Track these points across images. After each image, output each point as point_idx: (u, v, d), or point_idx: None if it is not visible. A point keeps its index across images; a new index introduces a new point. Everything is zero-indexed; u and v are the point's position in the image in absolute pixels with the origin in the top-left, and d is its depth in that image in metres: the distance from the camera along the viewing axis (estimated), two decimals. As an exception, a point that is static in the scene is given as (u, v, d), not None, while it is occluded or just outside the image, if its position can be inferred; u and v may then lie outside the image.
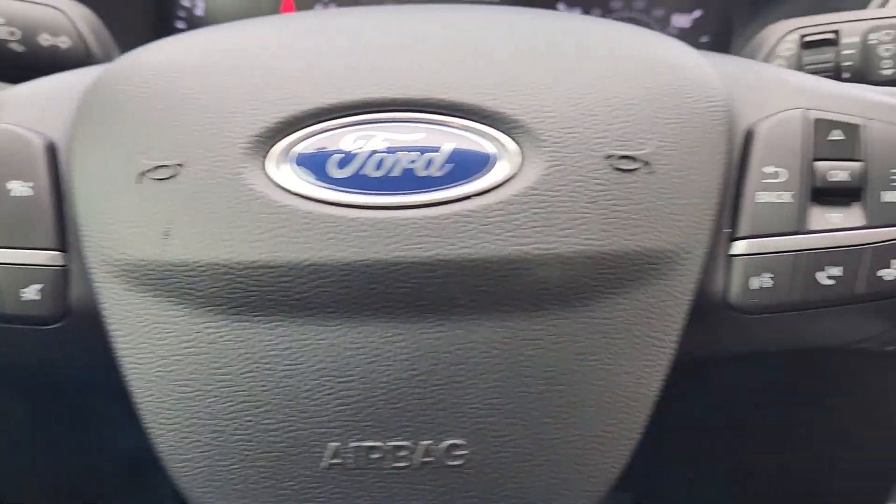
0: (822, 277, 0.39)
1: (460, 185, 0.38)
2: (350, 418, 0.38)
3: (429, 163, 0.38)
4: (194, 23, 0.86)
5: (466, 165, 0.38)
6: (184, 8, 0.86)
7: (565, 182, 0.38)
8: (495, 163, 0.38)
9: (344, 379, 0.38)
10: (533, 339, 0.38)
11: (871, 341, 0.42)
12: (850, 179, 0.39)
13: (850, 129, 0.40)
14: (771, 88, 0.42)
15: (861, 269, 0.39)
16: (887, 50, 0.54)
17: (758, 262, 0.40)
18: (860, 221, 0.39)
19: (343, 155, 0.38)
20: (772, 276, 0.39)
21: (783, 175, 0.40)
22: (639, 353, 0.39)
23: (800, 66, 0.56)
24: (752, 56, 0.58)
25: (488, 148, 0.38)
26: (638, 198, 0.38)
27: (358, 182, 0.38)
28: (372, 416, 0.38)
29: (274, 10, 0.86)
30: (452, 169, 0.38)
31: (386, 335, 0.38)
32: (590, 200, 0.38)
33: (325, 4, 0.85)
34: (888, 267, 0.39)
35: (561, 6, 0.84)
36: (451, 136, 0.38)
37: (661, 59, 0.41)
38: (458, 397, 0.38)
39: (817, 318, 0.40)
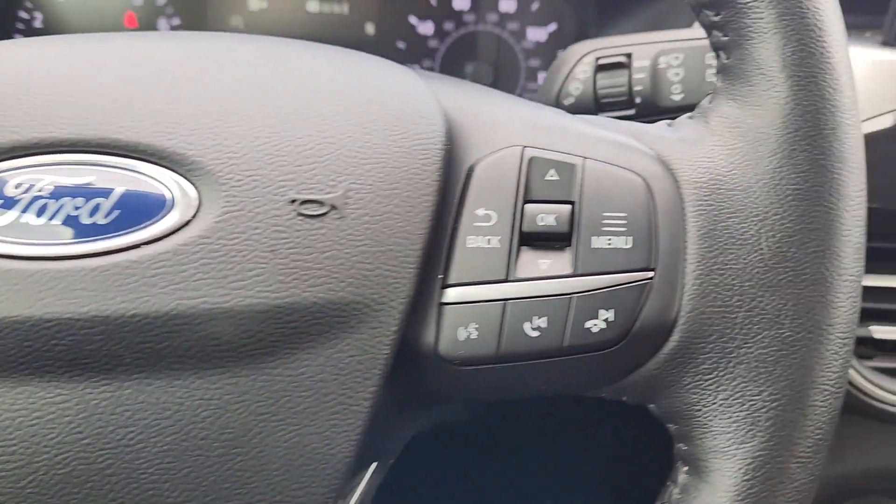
0: (529, 328, 0.36)
1: (128, 233, 0.35)
2: (12, 486, 0.35)
3: (95, 209, 0.35)
4: (33, 35, 0.82)
5: (137, 211, 0.35)
6: (22, 20, 0.83)
7: (242, 229, 0.35)
8: (170, 208, 0.35)
9: (4, 443, 0.35)
10: (208, 399, 0.35)
11: (599, 391, 0.40)
12: (556, 224, 0.37)
13: (566, 169, 0.38)
14: (499, 123, 0.40)
15: (568, 319, 0.36)
16: (676, 74, 0.52)
17: (465, 311, 0.37)
18: (568, 269, 0.37)
19: (3, 200, 0.35)
20: (477, 326, 0.37)
21: (494, 218, 0.37)
22: (328, 411, 0.36)
23: (594, 91, 0.54)
24: (553, 78, 0.56)
25: (164, 192, 0.36)
26: (323, 245, 0.35)
27: (17, 230, 0.35)
28: (36, 484, 0.35)
29: (118, 23, 0.83)
30: (120, 215, 0.35)
31: (47, 396, 0.35)
32: (268, 249, 0.35)
33: (169, 17, 0.82)
34: (595, 318, 0.36)
35: (412, 19, 0.82)
36: (125, 179, 0.36)
37: (376, 93, 0.39)
38: (129, 462, 0.35)
39: (531, 369, 0.37)
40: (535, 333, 0.36)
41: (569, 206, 0.37)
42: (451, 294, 0.37)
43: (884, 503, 0.69)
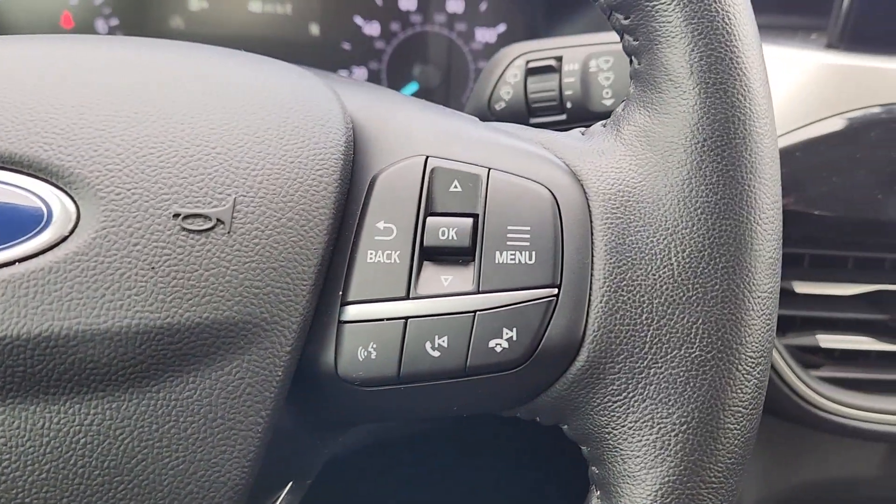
0: (430, 348, 0.35)
1: (0, 250, 0.33)
2: None
3: (-36, 224, 0.33)
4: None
5: (11, 226, 0.33)
6: (-44, 21, 0.80)
7: (121, 245, 0.33)
8: (47, 224, 0.33)
9: None
10: (87, 425, 0.33)
11: (510, 412, 0.38)
12: (457, 238, 0.35)
13: (469, 180, 0.36)
14: (405, 131, 0.38)
15: (471, 338, 0.34)
16: (606, 78, 0.50)
17: (365, 330, 0.35)
18: (471, 285, 0.35)
19: None
20: (376, 346, 0.35)
21: (394, 231, 0.36)
22: (217, 437, 0.34)
23: (525, 95, 0.52)
24: (484, 82, 0.54)
25: (40, 206, 0.33)
26: (208, 262, 0.33)
27: None
28: None
29: (54, 23, 0.80)
30: (-9, 231, 0.33)
31: None
32: (148, 266, 0.33)
33: (107, 18, 0.79)
34: (499, 337, 0.34)
35: (358, 20, 0.80)
36: (-2, 192, 0.34)
37: (273, 101, 0.37)
38: (5, 492, 0.33)
39: (436, 390, 0.36)
40: (437, 353, 0.35)
41: (471, 220, 0.35)
42: (351, 312, 0.35)
43: (834, 514, 0.68)
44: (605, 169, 0.36)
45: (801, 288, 0.61)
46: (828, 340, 0.61)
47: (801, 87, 0.57)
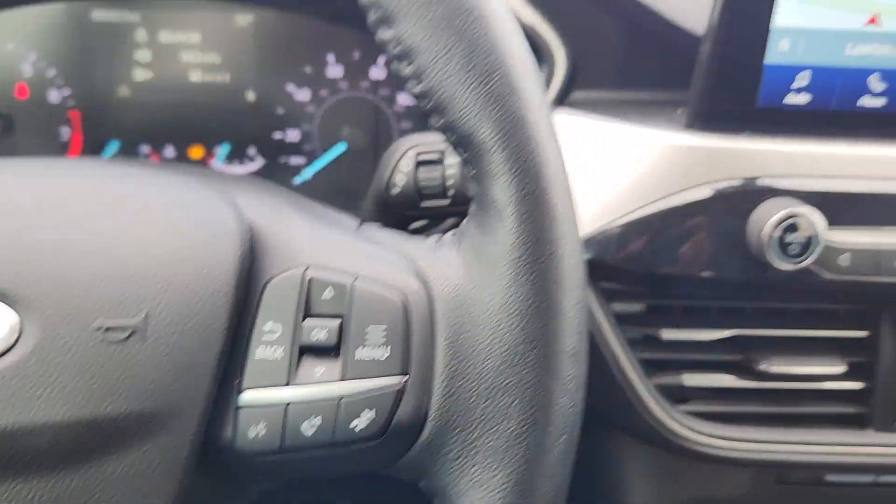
0: (307, 426, 0.43)
1: (-44, 359, 0.41)
2: None
3: (-73, 339, 0.41)
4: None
5: (-36, 340, 0.41)
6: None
7: (56, 353, 0.41)
8: (-6, 335, 0.42)
9: None
10: (30, 499, 0.41)
11: (380, 471, 0.47)
12: (327, 337, 0.44)
13: (339, 288, 0.44)
14: (290, 242, 0.47)
15: (337, 419, 0.43)
16: (480, 172, 0.59)
17: (256, 412, 0.44)
18: (338, 375, 0.44)
19: None
20: (265, 425, 0.43)
21: (278, 331, 0.44)
22: None
23: (416, 183, 0.61)
24: (382, 169, 0.63)
25: (-12, 320, 0.42)
26: (125, 365, 0.42)
27: None
28: None
29: (8, 94, 0.87)
30: (-52, 344, 0.41)
31: None
32: (77, 371, 0.41)
33: (59, 88, 0.87)
34: (360, 417, 0.43)
35: (290, 87, 0.88)
36: (-48, 311, 0.42)
37: (178, 223, 0.45)
38: (-40, 558, 0.41)
39: (315, 457, 0.44)
40: (311, 431, 0.43)
41: (339, 321, 0.44)
42: (245, 398, 0.44)
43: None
44: (447, 276, 0.45)
45: (668, 335, 0.70)
46: (692, 380, 0.71)
47: (655, 166, 0.66)
